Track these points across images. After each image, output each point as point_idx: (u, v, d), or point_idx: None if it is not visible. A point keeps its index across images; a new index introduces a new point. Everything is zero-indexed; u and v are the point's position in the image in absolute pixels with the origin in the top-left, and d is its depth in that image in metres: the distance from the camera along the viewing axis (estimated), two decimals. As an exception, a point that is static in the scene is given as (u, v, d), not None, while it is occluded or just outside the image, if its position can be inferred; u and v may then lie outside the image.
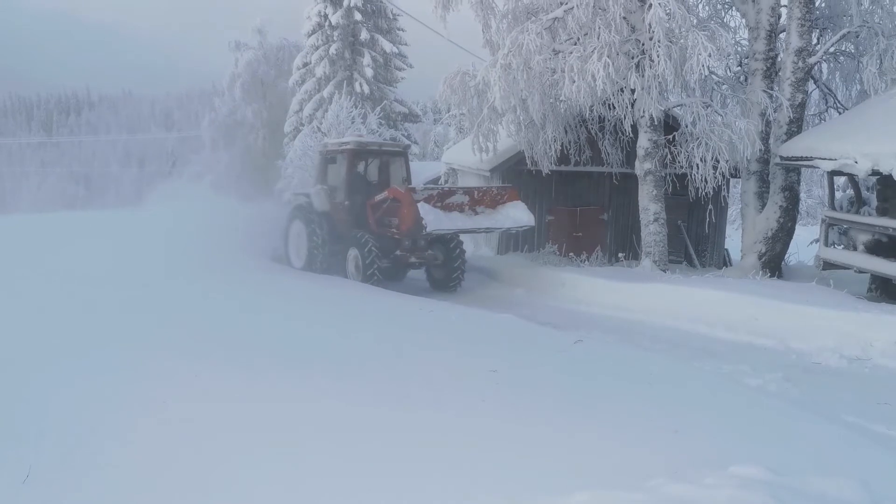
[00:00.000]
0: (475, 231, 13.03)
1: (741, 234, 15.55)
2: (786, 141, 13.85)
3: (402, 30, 29.64)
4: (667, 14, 12.02)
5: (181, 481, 4.17)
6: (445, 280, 13.85)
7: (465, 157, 17.89)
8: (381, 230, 13.36)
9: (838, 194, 15.28)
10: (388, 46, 28.23)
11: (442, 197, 12.44)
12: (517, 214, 12.92)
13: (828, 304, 9.74)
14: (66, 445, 4.70)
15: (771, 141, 14.44)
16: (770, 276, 13.68)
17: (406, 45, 29.68)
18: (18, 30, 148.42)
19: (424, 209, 11.82)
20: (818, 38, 15.35)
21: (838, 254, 12.87)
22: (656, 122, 13.73)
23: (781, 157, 13.62)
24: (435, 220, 11.84)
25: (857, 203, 14.07)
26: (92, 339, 7.23)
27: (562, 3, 13.20)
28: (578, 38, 13.14)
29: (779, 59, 14.65)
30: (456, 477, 4.04)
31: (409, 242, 13.28)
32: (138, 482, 4.22)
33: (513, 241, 17.00)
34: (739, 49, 16.02)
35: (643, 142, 14.02)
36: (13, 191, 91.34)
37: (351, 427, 4.82)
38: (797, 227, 15.26)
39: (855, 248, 12.45)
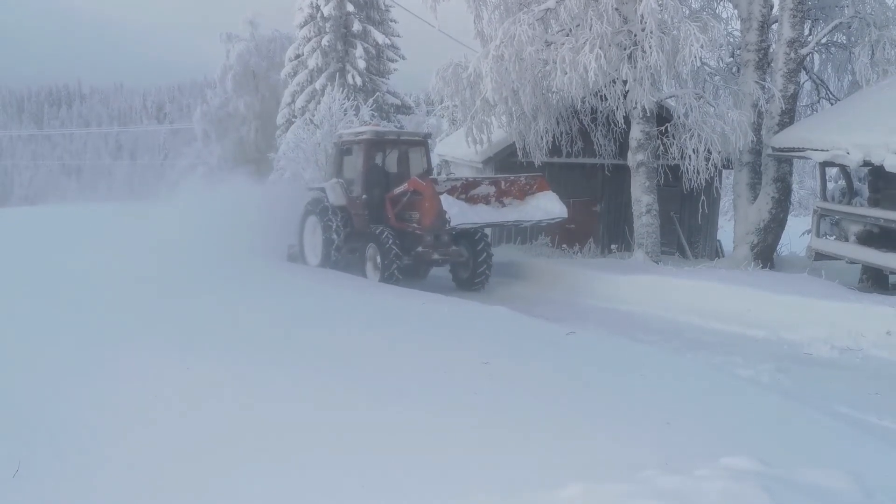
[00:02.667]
0: (503, 224, 12.32)
1: (733, 224, 15.58)
2: (778, 132, 13.87)
3: (395, 21, 29.57)
4: (659, 5, 12.00)
5: (174, 481, 4.16)
6: (470, 279, 13.03)
7: (459, 148, 17.87)
8: (402, 225, 12.62)
9: (830, 185, 15.33)
10: (380, 38, 28.17)
11: (466, 188, 11.80)
12: (548, 206, 12.16)
13: (819, 295, 9.76)
14: (59, 443, 4.68)
15: (763, 132, 14.45)
16: (762, 267, 13.71)
17: (398, 36, 29.62)
18: (9, 23, 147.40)
19: (448, 201, 11.16)
20: (810, 29, 15.36)
21: (830, 244, 12.91)
22: (648, 114, 13.71)
23: (773, 149, 13.64)
24: (459, 213, 11.16)
25: (849, 194, 14.13)
26: (90, 338, 7.18)
27: (554, -6, 13.17)
28: (571, 30, 13.10)
29: (771, 49, 14.65)
30: (449, 472, 4.03)
31: (431, 238, 12.40)
32: (131, 480, 4.21)
33: (505, 233, 16.96)
34: (732, 40, 16.00)
35: (635, 133, 14.01)
36: (4, 184, 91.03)
37: (342, 425, 4.80)
38: (789, 217, 15.29)
39: (846, 239, 12.49)
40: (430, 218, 11.58)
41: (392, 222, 12.73)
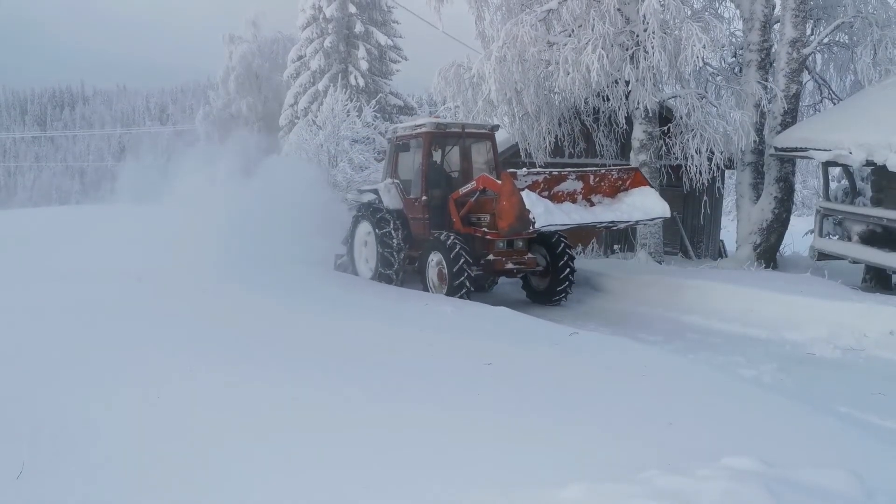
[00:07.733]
0: (594, 226, 10.57)
1: (736, 225, 15.57)
2: (780, 132, 13.85)
3: (397, 22, 29.61)
4: (661, 5, 12.01)
5: (177, 481, 4.17)
6: (549, 291, 11.52)
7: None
8: (470, 230, 11.23)
9: (833, 185, 15.29)
10: (382, 39, 28.21)
11: (549, 184, 10.16)
12: (647, 203, 10.53)
13: (822, 295, 9.75)
14: (61, 444, 4.69)
15: (766, 132, 14.45)
16: (765, 267, 13.72)
17: (401, 37, 29.66)
18: (14, 24, 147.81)
19: (530, 199, 9.55)
20: (812, 29, 15.36)
21: (833, 244, 12.89)
22: (651, 114, 13.72)
23: (776, 148, 13.63)
24: (545, 212, 9.54)
25: (852, 194, 14.10)
26: (97, 341, 7.19)
27: (556, -5, 13.17)
28: (573, 30, 13.12)
29: (773, 49, 14.65)
30: (450, 471, 4.04)
31: (502, 244, 11.02)
32: (132, 481, 4.22)
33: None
34: (734, 40, 16.02)
35: (638, 133, 14.01)
36: (8, 186, 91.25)
37: (343, 423, 4.81)
38: (792, 217, 15.28)
39: (849, 239, 12.47)
40: (510, 219, 9.92)
41: (457, 227, 11.34)
